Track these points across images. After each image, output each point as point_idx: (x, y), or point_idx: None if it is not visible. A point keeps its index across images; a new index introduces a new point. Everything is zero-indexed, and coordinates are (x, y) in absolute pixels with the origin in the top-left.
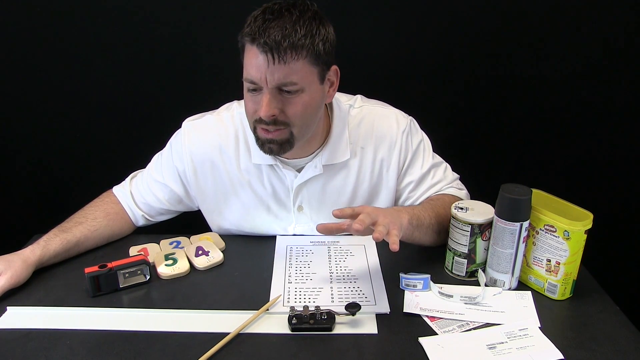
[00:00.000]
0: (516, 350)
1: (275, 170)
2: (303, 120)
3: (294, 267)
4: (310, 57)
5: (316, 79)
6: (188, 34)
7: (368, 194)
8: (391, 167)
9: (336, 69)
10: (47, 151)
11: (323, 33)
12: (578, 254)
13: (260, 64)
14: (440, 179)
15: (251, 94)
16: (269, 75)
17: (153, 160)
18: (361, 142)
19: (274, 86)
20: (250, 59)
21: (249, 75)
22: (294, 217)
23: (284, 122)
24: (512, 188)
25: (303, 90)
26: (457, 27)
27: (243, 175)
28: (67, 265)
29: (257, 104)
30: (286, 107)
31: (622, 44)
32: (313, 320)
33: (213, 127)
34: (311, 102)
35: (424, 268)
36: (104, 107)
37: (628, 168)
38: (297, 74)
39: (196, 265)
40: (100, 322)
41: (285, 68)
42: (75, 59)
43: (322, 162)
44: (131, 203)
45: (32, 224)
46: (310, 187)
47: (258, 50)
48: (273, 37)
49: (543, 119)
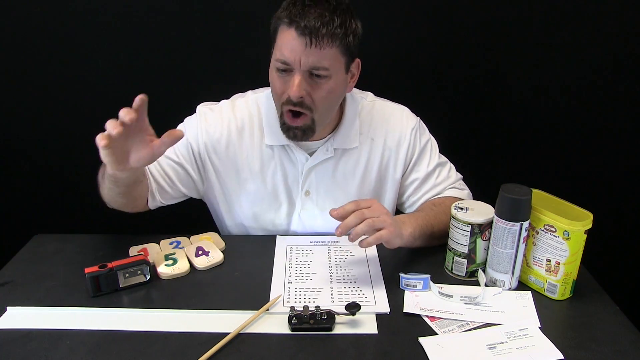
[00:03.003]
0: (516, 350)
1: (288, 152)
2: (325, 105)
3: (294, 267)
4: (341, 46)
5: (343, 68)
6: (189, 33)
7: (375, 184)
8: (399, 161)
9: (359, 62)
10: (47, 151)
11: (354, 26)
12: (578, 254)
13: (296, 46)
14: (444, 179)
15: (280, 75)
16: (303, 58)
17: None
18: (371, 134)
19: (306, 69)
20: (286, 40)
21: (282, 56)
22: (301, 201)
23: (309, 106)
24: (512, 188)
25: (330, 77)
26: (457, 27)
27: (256, 157)
28: (67, 265)
29: (285, 85)
30: (313, 91)
31: (622, 44)
32: (313, 320)
33: (228, 111)
34: (335, 89)
35: (424, 268)
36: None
37: (628, 168)
38: (328, 60)
39: (196, 265)
40: (100, 322)
41: (320, 53)
42: (76, 58)
43: (333, 145)
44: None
45: (32, 224)
46: (320, 171)
47: (296, 33)
48: (312, 22)
49: (543, 119)
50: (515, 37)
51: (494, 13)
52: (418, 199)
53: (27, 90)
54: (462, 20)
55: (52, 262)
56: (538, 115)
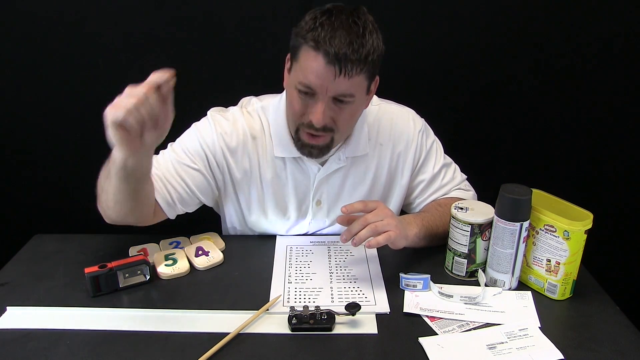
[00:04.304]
0: (516, 350)
1: (299, 163)
2: (347, 126)
3: (294, 267)
4: (367, 72)
5: (365, 90)
6: (190, 33)
7: (383, 190)
8: (407, 165)
9: (377, 80)
10: (47, 151)
11: (379, 46)
12: (578, 254)
13: (323, 73)
14: (450, 180)
15: (302, 96)
16: (330, 86)
17: (173, 147)
18: (380, 139)
19: (332, 96)
20: (312, 64)
21: (308, 81)
22: (312, 211)
23: (331, 128)
24: (512, 188)
25: (354, 102)
26: (457, 27)
27: (269, 167)
28: (67, 265)
29: (306, 108)
30: (336, 115)
31: (623, 44)
32: (313, 320)
33: (241, 118)
34: (357, 110)
35: (424, 268)
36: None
37: (628, 168)
38: (355, 87)
39: (196, 265)
40: (100, 322)
41: (348, 82)
42: (76, 58)
43: (345, 154)
44: (165, 193)
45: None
46: (331, 181)
47: (324, 61)
48: (343, 51)
49: (543, 119)
50: (515, 37)
51: (496, 14)
52: (424, 200)
53: (27, 90)
54: (464, 21)
55: (52, 262)
56: (538, 115)
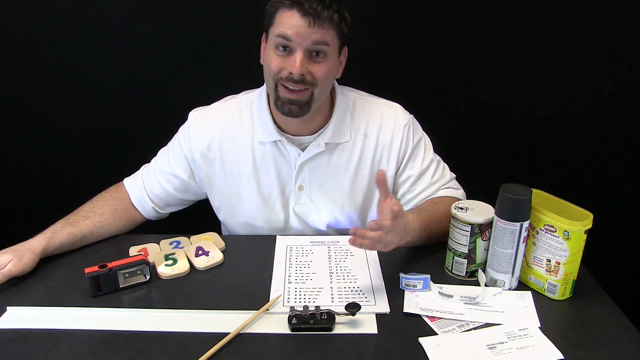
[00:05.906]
0: (516, 350)
1: (280, 148)
2: (324, 83)
3: (294, 267)
4: (337, 30)
5: (336, 51)
6: (190, 33)
7: (368, 180)
8: (391, 157)
9: (346, 50)
10: (48, 151)
11: (346, 15)
12: (578, 254)
13: (299, 25)
14: (439, 178)
15: (279, 53)
16: (306, 36)
17: (160, 153)
18: (363, 129)
19: (308, 47)
20: (288, 20)
21: (285, 33)
22: (295, 196)
23: (310, 82)
24: (512, 188)
25: (328, 57)
26: (456, 26)
27: (249, 155)
28: (67, 265)
29: (284, 63)
30: (313, 69)
31: (622, 43)
32: (313, 320)
33: (219, 113)
34: (331, 69)
35: (424, 268)
36: (105, 106)
37: (628, 168)
38: (328, 39)
39: (196, 265)
40: (100, 322)
41: (321, 32)
42: (75, 58)
43: (324, 139)
44: (143, 195)
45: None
46: (313, 166)
47: (299, 14)
48: (315, 4)
49: (543, 119)
50: (515, 37)
51: (493, 13)
52: (414, 196)
53: (27, 90)
54: (462, 19)
55: (52, 262)
56: (538, 115)
